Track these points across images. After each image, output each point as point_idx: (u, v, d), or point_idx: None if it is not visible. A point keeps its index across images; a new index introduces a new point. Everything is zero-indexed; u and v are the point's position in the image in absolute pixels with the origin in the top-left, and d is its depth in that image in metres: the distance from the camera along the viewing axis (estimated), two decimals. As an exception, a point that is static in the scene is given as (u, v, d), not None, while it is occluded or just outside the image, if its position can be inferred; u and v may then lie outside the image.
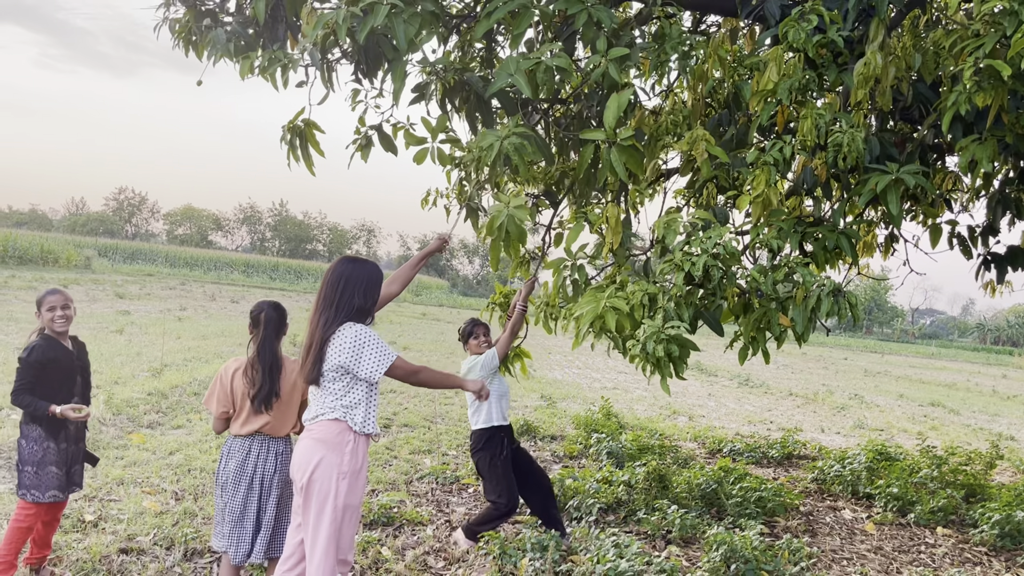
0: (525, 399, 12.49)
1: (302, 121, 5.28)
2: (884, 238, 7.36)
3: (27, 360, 4.03)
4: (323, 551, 3.31)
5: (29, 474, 4.03)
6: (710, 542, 5.20)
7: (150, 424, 7.94)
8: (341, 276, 3.48)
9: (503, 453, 5.24)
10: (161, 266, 52.28)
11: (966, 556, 6.09)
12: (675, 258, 4.14)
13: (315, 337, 3.40)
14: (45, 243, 40.37)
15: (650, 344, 4.06)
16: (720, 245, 4.05)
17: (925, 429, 13.54)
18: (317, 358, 3.38)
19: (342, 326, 3.42)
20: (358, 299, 3.47)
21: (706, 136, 4.39)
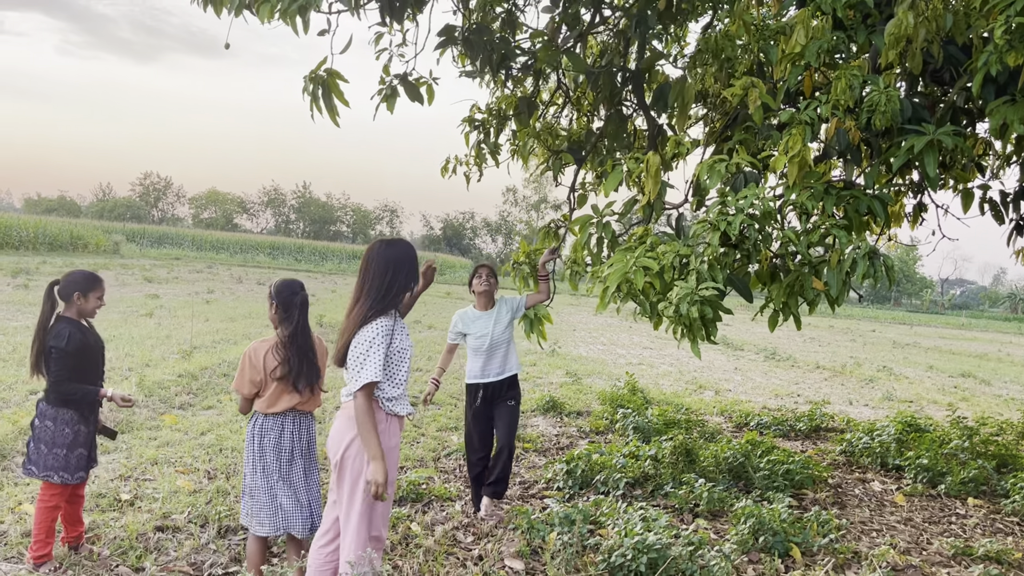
0: (551, 376, 12.51)
1: (325, 71, 5.16)
2: (912, 207, 7.25)
3: (65, 349, 4.02)
4: (356, 527, 3.37)
5: (59, 456, 4.05)
6: (738, 515, 5.20)
7: (181, 405, 8.06)
8: (389, 261, 3.43)
9: (471, 407, 5.44)
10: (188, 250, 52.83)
11: (997, 527, 6.03)
12: (711, 217, 4.07)
13: (348, 323, 3.42)
14: (74, 229, 40.96)
15: (683, 305, 4.00)
16: (757, 204, 3.98)
17: (955, 400, 13.39)
18: (345, 344, 3.40)
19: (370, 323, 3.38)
20: (399, 281, 3.43)
21: (758, 82, 4.31)
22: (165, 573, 4.11)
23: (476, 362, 5.43)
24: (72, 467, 4.08)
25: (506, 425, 5.45)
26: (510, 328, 5.51)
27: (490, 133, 6.56)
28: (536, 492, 6.16)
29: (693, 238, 4.36)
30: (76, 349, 4.06)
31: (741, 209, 3.96)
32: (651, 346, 19.25)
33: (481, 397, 5.43)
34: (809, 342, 24.90)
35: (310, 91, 5.14)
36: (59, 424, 4.06)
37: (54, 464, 4.03)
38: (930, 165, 4.07)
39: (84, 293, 4.15)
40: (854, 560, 4.98)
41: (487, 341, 5.36)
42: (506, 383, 5.47)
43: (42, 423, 4.08)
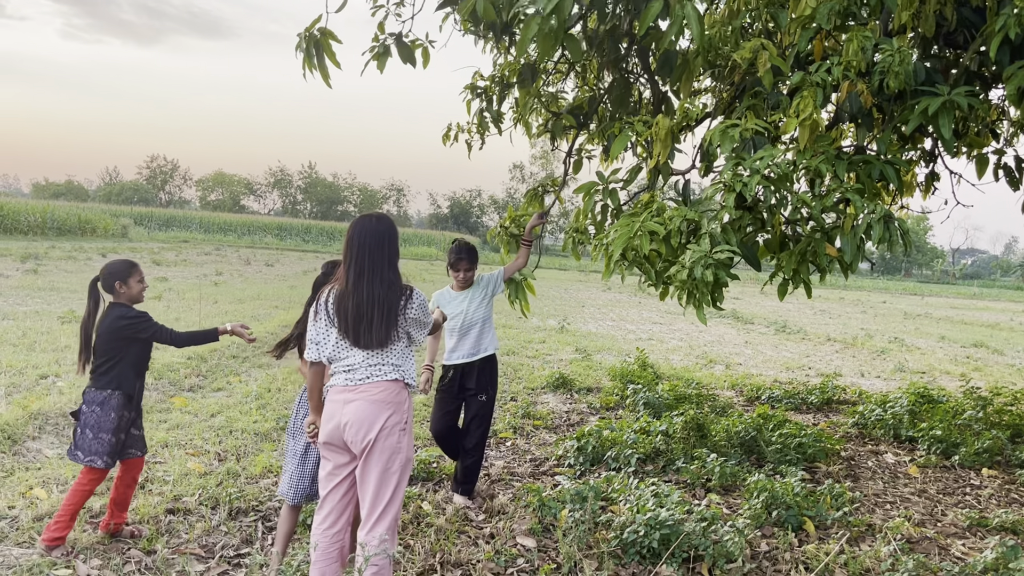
0: (560, 352, 12.48)
1: (318, 30, 5.06)
2: (924, 176, 7.14)
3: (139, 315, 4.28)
4: (399, 505, 3.43)
5: (103, 441, 4.10)
6: (751, 489, 5.17)
7: (191, 388, 8.07)
8: (384, 235, 3.41)
9: (440, 385, 5.37)
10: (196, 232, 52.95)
11: (1012, 497, 5.99)
12: (726, 178, 3.98)
13: (377, 298, 3.34)
14: (82, 213, 41.05)
15: (698, 269, 3.93)
16: (774, 166, 3.88)
17: (968, 371, 13.31)
18: (386, 323, 3.35)
19: (411, 293, 3.43)
20: (397, 257, 3.46)
21: (768, 45, 4.21)
22: (177, 555, 4.11)
23: (449, 342, 5.30)
24: (115, 452, 4.16)
25: (476, 425, 5.28)
26: (486, 306, 5.31)
27: (492, 101, 6.46)
28: (547, 469, 6.14)
29: (704, 202, 4.28)
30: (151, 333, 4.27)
31: (757, 171, 3.87)
32: (661, 321, 19.19)
33: (451, 377, 5.28)
34: (820, 314, 24.79)
35: (303, 48, 5.05)
36: (105, 409, 4.13)
37: (99, 449, 4.10)
38: (945, 127, 3.98)
39: (124, 280, 4.25)
40: (868, 533, 4.94)
41: (460, 320, 5.21)
42: (477, 366, 5.27)
43: (90, 409, 4.14)
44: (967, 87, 4.24)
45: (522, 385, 9.44)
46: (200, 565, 4.04)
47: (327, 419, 3.41)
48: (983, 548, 4.75)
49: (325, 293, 3.46)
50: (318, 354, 3.48)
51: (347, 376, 3.39)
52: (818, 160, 4.16)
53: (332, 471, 3.47)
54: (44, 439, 5.95)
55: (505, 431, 7.18)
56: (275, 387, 8.24)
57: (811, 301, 29.62)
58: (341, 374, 3.42)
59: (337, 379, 3.43)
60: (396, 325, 3.39)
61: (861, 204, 4.09)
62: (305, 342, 3.53)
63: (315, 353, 3.49)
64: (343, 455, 3.42)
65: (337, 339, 3.40)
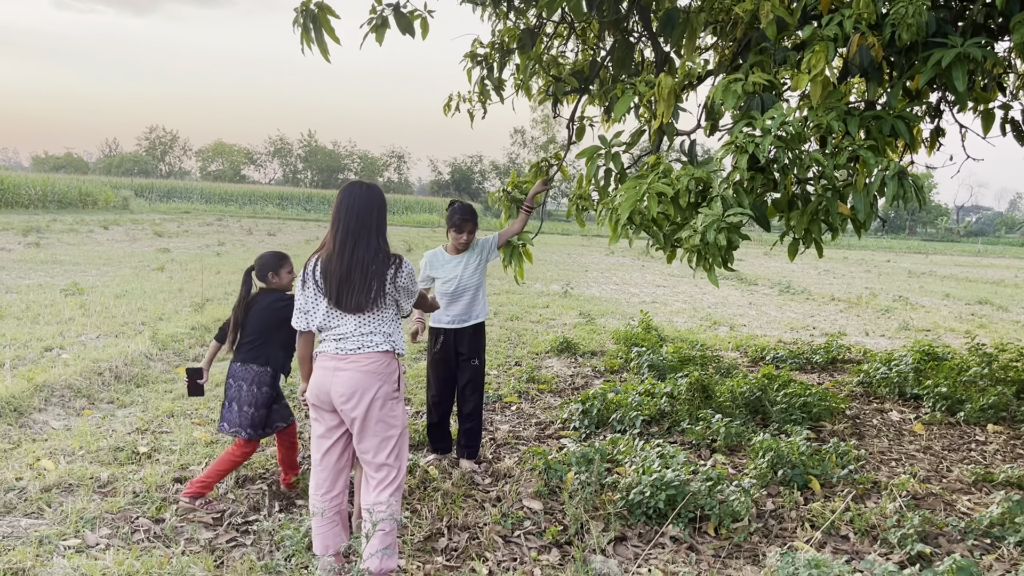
0: (564, 317, 12.47)
1: (316, 4, 4.99)
2: (930, 132, 7.05)
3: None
4: (402, 471, 3.47)
5: (248, 415, 4.36)
6: (756, 449, 5.17)
7: (195, 358, 8.07)
8: (372, 203, 3.39)
9: (431, 352, 5.29)
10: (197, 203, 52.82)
11: (1018, 452, 6.00)
12: (736, 139, 3.90)
13: (361, 263, 3.30)
14: (83, 186, 40.95)
15: (710, 233, 3.88)
16: (787, 125, 3.80)
17: (973, 328, 13.29)
18: (368, 286, 3.31)
19: (400, 262, 3.41)
20: (385, 225, 3.44)
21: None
22: (185, 523, 4.13)
23: (439, 305, 5.15)
24: (259, 425, 4.38)
25: (472, 390, 5.29)
26: (480, 272, 5.23)
27: (493, 68, 6.36)
28: (552, 433, 6.15)
29: (711, 162, 4.21)
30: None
31: (769, 130, 3.80)
32: (664, 284, 19.16)
33: (441, 343, 5.22)
34: (824, 274, 24.73)
35: (300, 23, 4.97)
36: (252, 385, 4.39)
37: (243, 422, 4.36)
38: (959, 80, 3.89)
39: (276, 271, 4.51)
40: (873, 490, 4.95)
41: (454, 285, 5.13)
42: (468, 332, 5.23)
43: (236, 383, 4.41)
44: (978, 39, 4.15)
45: (526, 350, 9.44)
46: (208, 532, 4.06)
47: (316, 383, 3.40)
48: (989, 503, 4.77)
49: (312, 262, 3.42)
50: (307, 323, 3.46)
51: (337, 345, 3.38)
52: (829, 116, 4.09)
53: (323, 434, 3.48)
54: (50, 411, 5.97)
55: (510, 395, 7.18)
56: (279, 356, 8.25)
57: (815, 261, 29.56)
58: (331, 342, 3.41)
59: (327, 346, 3.42)
60: (383, 292, 3.36)
61: (874, 161, 4.03)
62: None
63: (303, 322, 3.47)
64: (333, 418, 3.43)
65: (328, 307, 3.38)
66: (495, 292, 15.20)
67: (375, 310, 3.37)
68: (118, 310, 10.12)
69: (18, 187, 35.36)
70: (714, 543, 4.14)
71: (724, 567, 3.88)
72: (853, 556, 3.99)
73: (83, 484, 4.53)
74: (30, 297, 10.84)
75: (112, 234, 24.69)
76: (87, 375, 6.71)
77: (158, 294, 11.87)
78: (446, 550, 3.98)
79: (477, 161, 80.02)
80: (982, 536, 4.25)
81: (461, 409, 5.34)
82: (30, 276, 13.33)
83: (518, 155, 77.62)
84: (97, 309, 10.09)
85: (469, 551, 3.96)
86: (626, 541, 4.13)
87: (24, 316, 9.38)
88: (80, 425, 5.62)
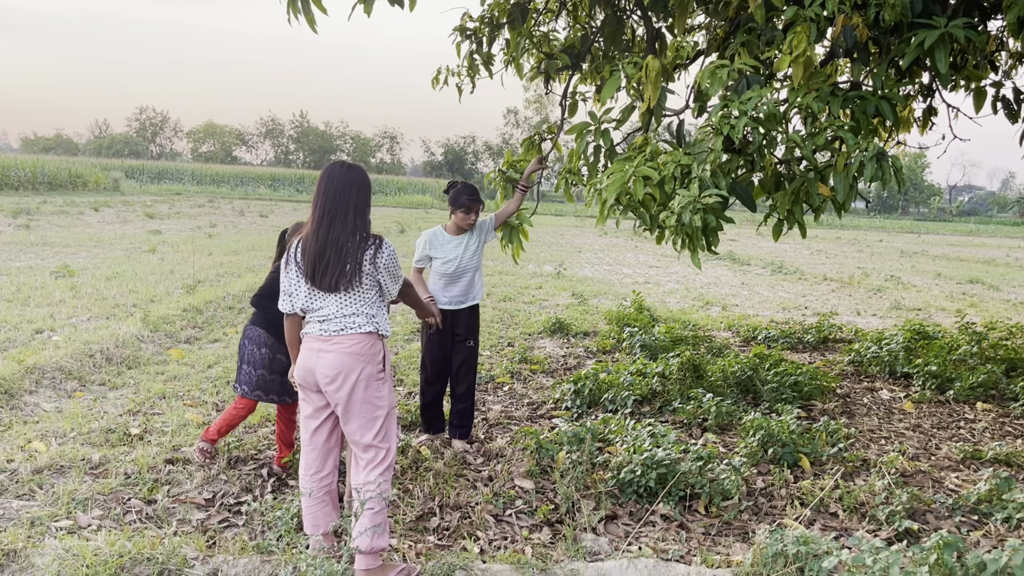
0: (556, 297, 12.48)
1: None
2: (922, 112, 7.04)
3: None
4: (391, 451, 3.46)
5: (249, 374, 4.56)
6: (747, 428, 5.20)
7: (187, 339, 8.06)
8: (352, 182, 3.36)
9: (426, 332, 5.24)
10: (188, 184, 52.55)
11: (1006, 430, 6.04)
12: (713, 121, 3.90)
13: (336, 242, 3.28)
14: (72, 167, 40.68)
15: (686, 214, 3.88)
16: (762, 106, 3.79)
17: (964, 307, 13.35)
18: (343, 265, 3.29)
19: (381, 242, 3.38)
20: (366, 206, 3.41)
21: None
22: (177, 504, 4.14)
23: (438, 285, 5.15)
24: (258, 386, 4.55)
25: (466, 371, 5.29)
26: (479, 254, 5.22)
27: (482, 43, 6.31)
28: (544, 412, 6.17)
29: (695, 145, 4.20)
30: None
31: (745, 112, 3.79)
32: (657, 264, 19.17)
33: (447, 325, 5.18)
34: (816, 254, 24.78)
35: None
36: (252, 345, 4.56)
37: (244, 379, 4.58)
38: (941, 60, 3.88)
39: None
40: (863, 468, 4.99)
41: (454, 266, 5.09)
42: (465, 314, 5.22)
43: (243, 342, 4.63)
44: (965, 19, 4.13)
45: (519, 330, 9.45)
46: (200, 513, 4.07)
47: (300, 364, 3.41)
48: (976, 480, 4.81)
49: (294, 243, 3.41)
50: (291, 305, 3.45)
51: (321, 326, 3.37)
52: (811, 98, 4.07)
53: (312, 414, 3.48)
54: (41, 393, 5.96)
55: (503, 376, 7.20)
56: (272, 337, 8.24)
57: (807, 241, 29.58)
58: (315, 323, 3.39)
59: (311, 327, 3.41)
60: (359, 272, 3.32)
61: (854, 142, 4.02)
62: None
63: (287, 304, 3.46)
64: (320, 399, 3.43)
65: (309, 288, 3.37)
66: (488, 273, 15.19)
67: (355, 291, 3.34)
68: (109, 292, 10.08)
69: (7, 169, 35.12)
70: (704, 521, 4.17)
71: (714, 544, 3.91)
72: (841, 533, 4.03)
73: (75, 466, 4.53)
74: (20, 279, 10.79)
75: (103, 216, 24.56)
76: (78, 357, 6.69)
77: (149, 276, 11.83)
78: (438, 529, 4.00)
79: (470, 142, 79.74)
80: (969, 513, 4.29)
81: (455, 390, 5.34)
82: (20, 258, 13.26)
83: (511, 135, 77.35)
84: (88, 291, 10.06)
85: (461, 530, 3.98)
86: (617, 519, 4.15)
87: (14, 298, 9.34)
88: (71, 407, 5.61)
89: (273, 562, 3.33)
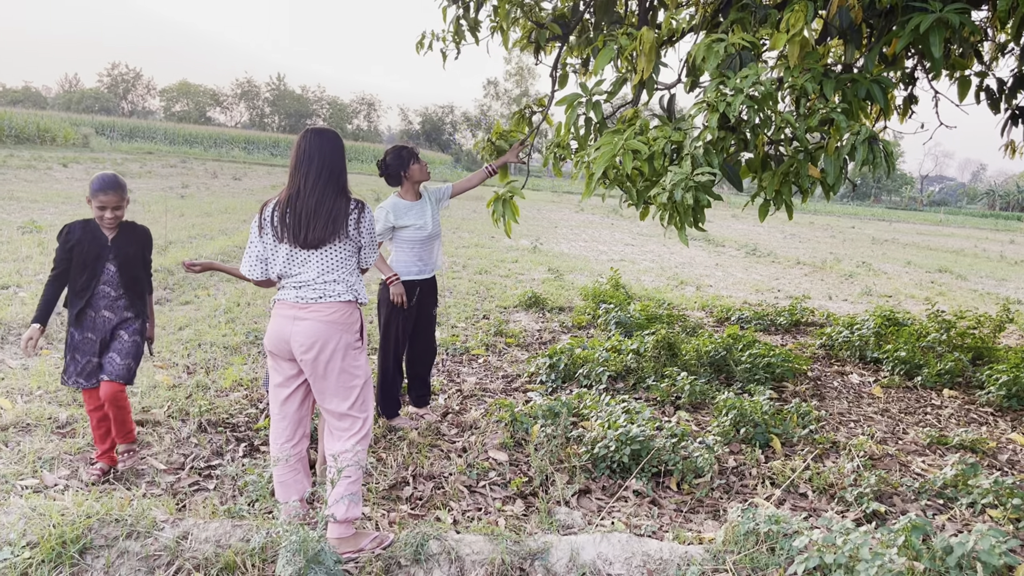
0: (533, 272, 12.46)
1: None
2: (903, 99, 7.06)
3: (61, 246, 3.99)
4: (367, 420, 3.41)
5: (65, 360, 4.00)
6: (720, 407, 5.23)
7: (158, 300, 7.93)
8: (335, 147, 3.31)
9: (401, 308, 4.91)
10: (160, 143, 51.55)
11: (972, 417, 6.15)
12: (709, 97, 3.86)
13: (328, 200, 3.22)
14: (41, 121, 39.68)
15: (678, 192, 3.85)
16: (758, 84, 3.76)
17: (933, 295, 13.55)
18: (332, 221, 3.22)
19: (363, 207, 3.33)
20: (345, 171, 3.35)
21: None
22: (146, 466, 4.08)
23: (411, 256, 4.93)
24: (74, 373, 3.95)
25: (433, 335, 5.24)
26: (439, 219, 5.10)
27: (469, 8, 6.20)
28: (519, 386, 6.17)
29: (686, 121, 4.15)
30: (69, 248, 3.99)
31: (741, 89, 3.75)
32: (632, 243, 19.21)
33: (417, 296, 5.01)
34: (789, 238, 24.98)
35: None
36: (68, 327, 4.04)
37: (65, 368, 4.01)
38: (935, 45, 3.87)
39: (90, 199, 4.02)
40: (832, 450, 5.05)
41: (428, 230, 4.92)
42: (432, 281, 5.13)
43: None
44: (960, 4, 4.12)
45: (495, 304, 9.42)
46: (170, 476, 4.02)
47: (273, 331, 3.30)
48: (942, 465, 4.89)
49: (269, 208, 3.31)
50: (264, 271, 3.35)
51: (298, 293, 3.28)
52: (805, 78, 4.05)
53: (282, 383, 3.40)
54: (7, 349, 5.83)
55: (477, 348, 7.18)
56: (244, 301, 8.14)
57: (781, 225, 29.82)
58: (291, 289, 3.30)
59: (286, 293, 3.30)
60: (346, 232, 3.27)
61: (845, 125, 4.01)
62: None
63: (260, 271, 3.34)
64: (291, 367, 3.36)
65: (288, 253, 3.27)
66: (464, 246, 15.13)
67: (336, 254, 3.27)
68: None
69: (-27, 120, 34.17)
70: (676, 498, 4.19)
71: (686, 521, 3.94)
72: (811, 513, 4.08)
73: (41, 424, 4.45)
74: (-15, 234, 10.53)
75: (71, 172, 24.03)
76: (45, 315, 6.55)
77: (119, 235, 11.59)
78: (411, 499, 3.98)
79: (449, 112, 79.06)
80: (935, 496, 4.36)
81: (423, 359, 5.27)
82: (-15, 212, 12.94)
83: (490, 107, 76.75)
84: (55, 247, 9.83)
85: (434, 500, 3.97)
86: (590, 494, 4.17)
87: (-21, 253, 9.12)
88: (38, 365, 5.50)
89: (244, 526, 3.29)
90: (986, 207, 74.80)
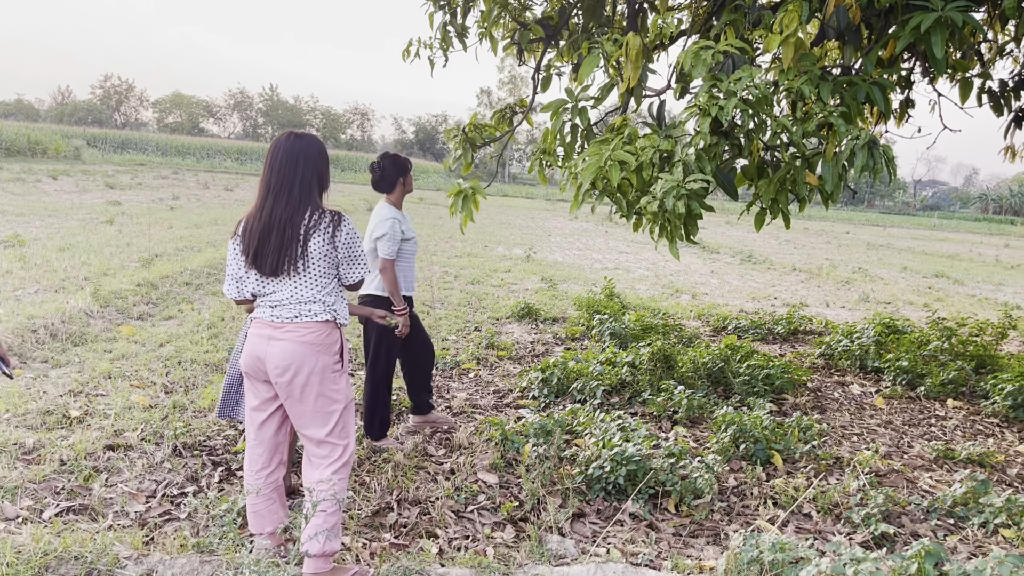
0: (525, 282, 12.26)
1: None
2: (899, 103, 6.90)
3: None
4: (348, 448, 3.20)
5: None
6: (718, 422, 5.04)
7: (140, 316, 7.71)
8: (299, 154, 3.05)
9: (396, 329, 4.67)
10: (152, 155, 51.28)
11: (978, 428, 5.96)
12: (700, 102, 3.67)
13: (279, 222, 2.98)
14: (32, 134, 39.39)
15: (669, 200, 3.65)
16: (753, 88, 3.57)
17: (930, 301, 13.38)
18: (284, 246, 2.99)
19: (340, 219, 3.07)
20: (318, 181, 3.09)
21: None
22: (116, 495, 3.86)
23: (408, 270, 4.75)
24: None
25: (425, 333, 5.08)
26: None
27: (456, 13, 6.03)
28: (511, 401, 5.96)
29: (677, 127, 3.96)
30: None
31: (734, 93, 3.56)
32: (627, 251, 19.03)
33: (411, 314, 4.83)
34: (784, 244, 24.84)
35: None
36: None
37: None
38: (937, 45, 3.69)
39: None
40: (836, 466, 4.85)
41: (416, 242, 4.76)
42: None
43: None
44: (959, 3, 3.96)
45: (486, 315, 9.22)
46: (140, 505, 3.80)
47: (249, 352, 3.10)
48: (951, 481, 4.70)
49: (243, 224, 3.11)
50: (239, 291, 3.15)
51: (272, 312, 3.07)
52: (801, 81, 3.87)
53: (258, 407, 3.19)
54: (-22, 370, 5.61)
55: (468, 362, 6.97)
56: (229, 315, 7.92)
57: (776, 232, 29.68)
58: (266, 308, 3.10)
59: (261, 312, 3.11)
60: (306, 254, 3.01)
61: (844, 129, 3.83)
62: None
63: (235, 290, 3.15)
64: (267, 389, 3.15)
65: (258, 274, 3.07)
66: (457, 255, 14.93)
67: (307, 274, 3.04)
68: (60, 264, 9.65)
69: (-38, 133, 33.90)
70: (675, 520, 3.99)
71: (685, 547, 3.74)
72: (816, 536, 3.88)
73: (5, 450, 4.22)
74: (-34, 248, 10.30)
75: (61, 184, 23.78)
76: (20, 332, 6.33)
77: (104, 248, 11.38)
78: (395, 526, 3.77)
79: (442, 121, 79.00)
80: (945, 516, 4.17)
81: (423, 364, 5.09)
82: (-32, 226, 12.71)
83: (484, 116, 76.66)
84: (37, 262, 9.62)
85: (419, 527, 3.76)
86: (584, 518, 3.96)
87: (-42, 268, 8.89)
88: (9, 386, 5.28)
89: (213, 562, 3.08)
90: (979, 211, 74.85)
